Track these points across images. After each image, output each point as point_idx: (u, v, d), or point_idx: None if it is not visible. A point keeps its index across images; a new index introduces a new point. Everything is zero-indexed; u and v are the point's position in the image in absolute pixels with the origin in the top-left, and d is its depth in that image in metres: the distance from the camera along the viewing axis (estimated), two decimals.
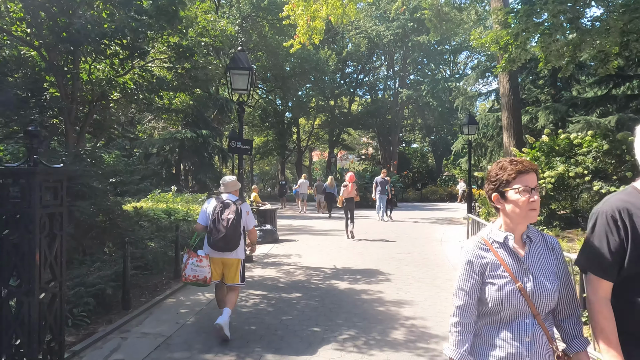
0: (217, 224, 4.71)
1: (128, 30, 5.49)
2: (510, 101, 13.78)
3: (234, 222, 4.70)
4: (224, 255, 4.82)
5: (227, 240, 4.67)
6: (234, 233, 4.69)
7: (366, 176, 26.66)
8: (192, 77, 7.92)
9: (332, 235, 12.96)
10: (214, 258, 4.84)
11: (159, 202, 13.27)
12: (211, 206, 4.88)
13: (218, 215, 4.74)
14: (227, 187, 5.07)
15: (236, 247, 4.78)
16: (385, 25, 37.59)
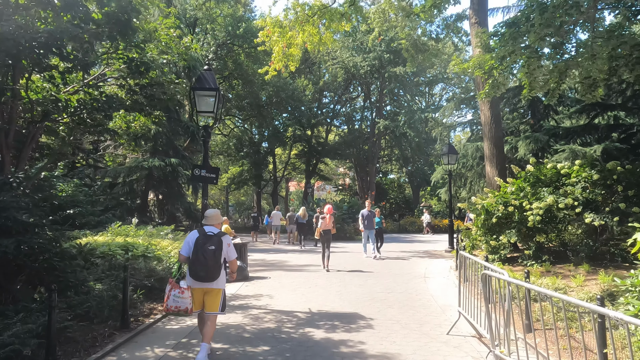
0: (198, 255, 4.90)
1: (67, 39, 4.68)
2: (492, 130, 13.33)
3: (215, 254, 4.93)
4: (205, 285, 5.00)
5: (208, 270, 4.89)
6: (214, 264, 4.92)
7: (343, 207, 25.91)
8: (147, 96, 7.05)
9: (308, 271, 12.03)
10: (195, 288, 5.01)
11: (118, 235, 12.15)
12: (193, 237, 5.06)
13: (200, 247, 4.92)
14: (210, 220, 5.28)
15: (217, 277, 4.98)
16: (362, 56, 37.66)
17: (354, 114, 44.73)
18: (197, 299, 5.03)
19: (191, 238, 5.10)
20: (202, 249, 4.92)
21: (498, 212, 10.99)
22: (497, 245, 11.26)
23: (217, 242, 4.98)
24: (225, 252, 5.15)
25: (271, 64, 19.16)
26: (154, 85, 6.94)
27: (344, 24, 20.30)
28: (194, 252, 4.94)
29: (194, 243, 4.99)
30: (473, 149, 18.53)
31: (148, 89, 6.95)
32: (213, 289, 5.05)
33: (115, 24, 5.32)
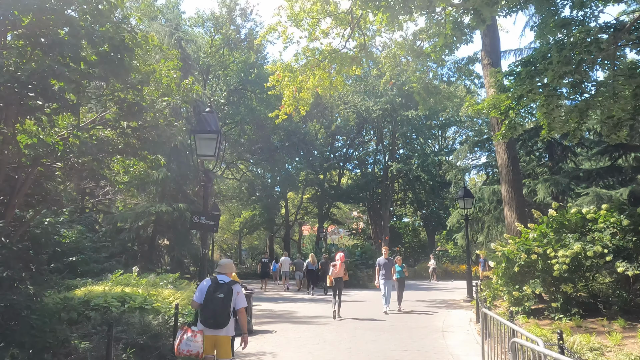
0: (208, 302, 5.12)
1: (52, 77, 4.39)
2: (510, 172, 12.76)
3: (224, 301, 5.09)
4: (215, 333, 5.16)
5: (217, 317, 5.06)
6: (223, 311, 5.09)
7: (356, 253, 25.13)
8: (140, 138, 6.71)
9: (316, 323, 11.26)
10: (206, 335, 5.15)
11: (119, 284, 11.60)
12: (206, 285, 5.25)
13: (210, 294, 5.12)
14: (222, 269, 5.53)
15: (226, 324, 5.14)
16: (373, 100, 37.76)
17: (366, 157, 44.50)
18: (207, 345, 5.19)
19: (204, 286, 5.30)
20: (213, 296, 5.12)
21: (520, 260, 10.26)
22: (520, 296, 10.45)
23: (227, 291, 5.17)
24: (234, 301, 5.24)
25: (282, 108, 19.08)
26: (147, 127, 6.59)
27: (354, 68, 20.30)
28: (205, 300, 5.16)
29: (206, 291, 5.20)
30: (489, 192, 17.89)
31: (141, 131, 6.61)
32: (223, 336, 5.23)
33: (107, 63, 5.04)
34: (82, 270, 14.36)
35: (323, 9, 18.18)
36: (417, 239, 49.82)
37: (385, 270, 13.20)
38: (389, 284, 13.18)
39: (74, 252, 14.48)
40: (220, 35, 28.24)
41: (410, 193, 44.02)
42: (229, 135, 30.74)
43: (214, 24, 28.07)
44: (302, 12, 18.27)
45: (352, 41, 20.36)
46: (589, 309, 9.91)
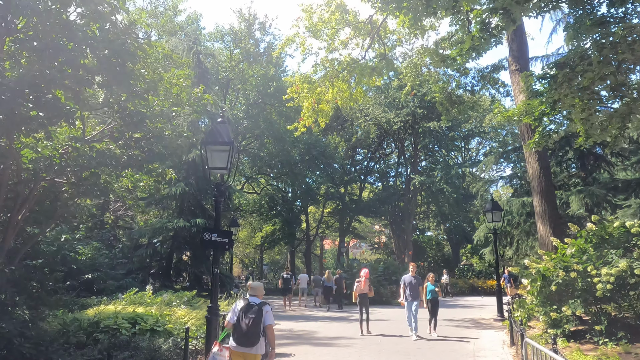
0: (240, 322, 5.39)
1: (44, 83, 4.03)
2: (542, 183, 12.01)
3: (255, 321, 5.36)
4: (245, 350, 5.41)
5: (248, 336, 5.34)
6: (254, 330, 5.35)
7: (379, 268, 24.35)
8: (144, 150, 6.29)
9: (338, 345, 10.62)
10: (236, 352, 5.43)
11: (132, 303, 11.22)
12: (238, 306, 5.56)
13: (242, 314, 5.40)
14: (254, 291, 5.80)
15: (256, 343, 5.39)
16: (394, 112, 37.17)
17: (387, 170, 43.80)
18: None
19: (237, 307, 5.61)
20: (244, 316, 5.40)
21: (557, 278, 9.49)
22: (558, 317, 9.64)
23: (257, 312, 5.44)
24: (264, 320, 5.48)
25: (300, 120, 18.68)
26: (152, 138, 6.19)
27: (374, 79, 19.84)
28: (237, 319, 5.44)
29: (239, 311, 5.49)
30: (518, 205, 17.04)
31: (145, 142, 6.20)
32: (252, 354, 5.47)
33: (108, 69, 4.66)
34: (97, 287, 14.09)
35: (342, 18, 17.82)
36: (441, 253, 48.62)
37: (411, 290, 11.60)
38: (415, 305, 11.53)
39: (90, 269, 14.23)
40: (240, 49, 28.19)
41: (434, 206, 42.99)
42: (248, 150, 30.54)
43: (233, 39, 28.06)
44: (321, 22, 17.94)
45: (371, 52, 19.94)
46: (636, 332, 9.05)
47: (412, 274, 11.98)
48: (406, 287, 11.73)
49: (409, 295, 11.63)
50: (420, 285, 11.88)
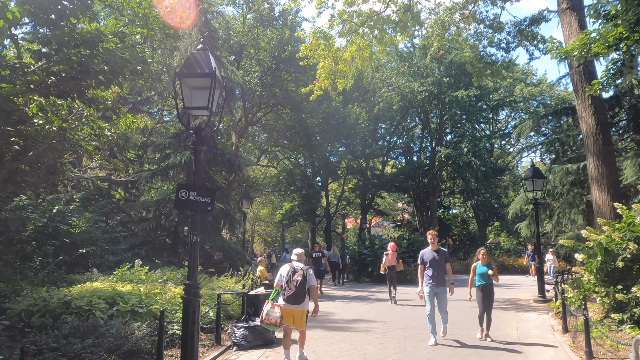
0: (289, 284, 6.36)
1: None
2: (599, 142, 10.12)
3: (302, 283, 6.33)
4: (294, 307, 6.39)
5: (296, 296, 6.31)
6: (301, 291, 6.32)
7: (402, 245, 22.73)
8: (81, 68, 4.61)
9: (355, 330, 9.13)
10: (286, 309, 6.40)
11: (123, 280, 9.91)
12: (285, 270, 6.53)
13: (290, 277, 6.40)
14: (298, 257, 6.74)
15: (303, 301, 6.38)
16: (418, 81, 34.98)
17: (411, 144, 41.74)
18: (287, 318, 6.41)
19: (284, 271, 6.49)
20: (292, 279, 6.33)
21: (626, 252, 7.73)
22: (625, 299, 7.90)
23: (302, 275, 6.38)
24: (308, 281, 6.41)
25: (316, 82, 16.92)
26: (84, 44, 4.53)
27: (398, 36, 17.91)
28: (285, 282, 6.36)
29: (286, 274, 6.41)
30: (562, 172, 15.08)
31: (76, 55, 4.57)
32: (300, 310, 6.41)
33: None
34: (93, 263, 12.89)
35: None
36: (467, 231, 46.72)
37: (433, 271, 7.84)
38: (439, 295, 7.84)
39: (87, 243, 13.02)
40: (253, 14, 26.39)
41: (460, 181, 40.90)
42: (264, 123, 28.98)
43: (245, 1, 26.24)
44: None
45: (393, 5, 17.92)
46: None
47: (432, 247, 8.03)
48: (426, 268, 7.95)
49: (429, 279, 7.86)
50: (447, 262, 8.05)
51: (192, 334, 5.11)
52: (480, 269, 8.09)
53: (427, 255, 7.98)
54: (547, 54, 7.94)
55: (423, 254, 8.08)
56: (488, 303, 8.03)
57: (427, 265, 7.90)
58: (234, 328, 7.47)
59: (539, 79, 44.54)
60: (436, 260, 7.89)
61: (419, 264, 8.04)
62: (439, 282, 7.84)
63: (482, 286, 8.03)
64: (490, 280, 8.06)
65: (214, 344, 7.43)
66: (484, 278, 8.04)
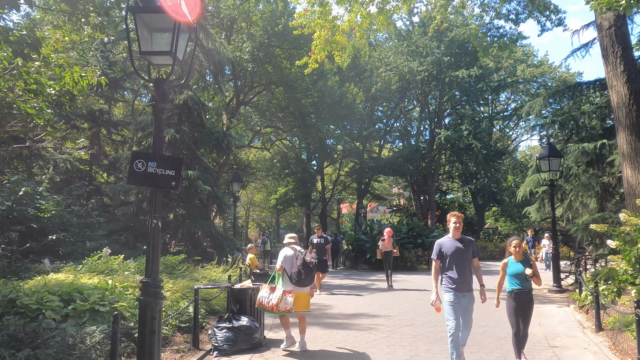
0: (305, 267, 6.31)
1: None
2: (632, 114, 8.95)
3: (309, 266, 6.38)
4: (302, 290, 6.44)
5: (306, 278, 6.35)
6: (309, 273, 6.37)
7: (402, 230, 21.64)
8: None
9: (356, 328, 7.98)
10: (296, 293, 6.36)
11: (92, 271, 8.71)
12: (289, 252, 6.46)
13: (302, 259, 6.35)
14: (295, 239, 6.77)
15: (310, 283, 6.55)
16: (418, 60, 33.60)
17: (408, 127, 40.48)
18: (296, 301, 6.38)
19: (289, 253, 6.48)
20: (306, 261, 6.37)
21: None
22: None
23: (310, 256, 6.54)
24: None
25: (311, 54, 15.55)
26: None
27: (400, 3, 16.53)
28: (300, 265, 6.34)
29: (293, 257, 6.43)
30: (577, 152, 13.91)
31: None
32: (306, 292, 6.56)
33: None
34: (65, 251, 11.67)
35: None
36: (464, 216, 45.85)
37: (457, 269, 5.38)
38: (465, 305, 5.37)
39: (59, 229, 11.79)
40: None
41: (459, 165, 39.81)
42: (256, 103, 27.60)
43: None
44: None
45: None
46: None
47: (454, 233, 5.51)
48: (445, 261, 5.45)
49: (448, 281, 5.37)
50: (475, 256, 5.56)
51: (151, 347, 3.94)
52: (514, 267, 5.71)
53: (448, 247, 5.43)
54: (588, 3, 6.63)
55: (441, 245, 5.50)
56: (525, 317, 5.65)
57: (447, 261, 5.38)
58: (215, 329, 6.30)
59: (540, 60, 43.35)
60: (461, 254, 5.37)
61: (434, 259, 5.51)
62: (465, 286, 5.30)
63: (517, 293, 5.63)
64: (528, 284, 5.64)
65: (190, 349, 6.27)
66: (518, 281, 5.64)
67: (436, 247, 5.57)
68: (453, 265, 5.38)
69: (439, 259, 5.50)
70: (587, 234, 12.93)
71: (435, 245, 5.61)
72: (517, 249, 5.75)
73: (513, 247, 5.81)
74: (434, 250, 5.57)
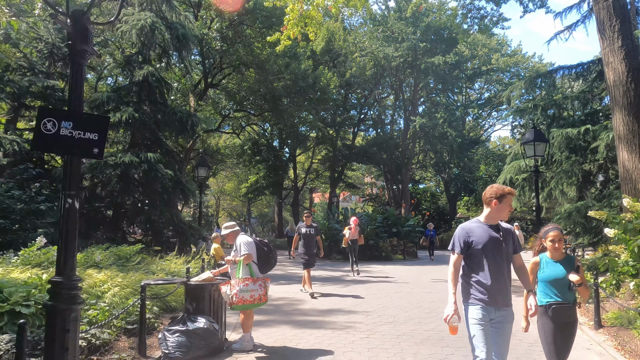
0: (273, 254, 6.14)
1: None
2: (630, 93, 8.32)
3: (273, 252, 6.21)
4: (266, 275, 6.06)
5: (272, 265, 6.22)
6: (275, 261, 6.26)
7: (377, 218, 20.93)
8: None
9: (333, 326, 7.11)
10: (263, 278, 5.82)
11: (27, 264, 7.53)
12: (249, 239, 5.91)
13: (261, 246, 6.01)
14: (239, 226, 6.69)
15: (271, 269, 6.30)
16: (393, 46, 32.83)
17: (383, 116, 39.84)
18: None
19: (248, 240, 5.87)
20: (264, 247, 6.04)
21: None
22: None
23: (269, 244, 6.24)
24: None
25: (284, 29, 14.50)
26: None
27: None
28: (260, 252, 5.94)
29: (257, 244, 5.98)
30: (561, 137, 13.38)
31: None
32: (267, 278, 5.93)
33: None
34: (4, 240, 10.38)
35: None
36: (436, 205, 45.72)
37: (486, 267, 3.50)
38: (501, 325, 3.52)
39: None
40: None
41: (432, 154, 39.47)
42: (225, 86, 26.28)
43: None
44: None
45: None
46: None
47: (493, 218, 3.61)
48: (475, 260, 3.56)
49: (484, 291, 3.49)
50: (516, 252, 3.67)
51: None
52: (551, 269, 3.92)
53: (479, 235, 3.54)
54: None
55: (469, 232, 3.56)
56: (564, 345, 3.86)
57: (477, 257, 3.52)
58: (166, 332, 5.30)
59: (513, 50, 43.36)
60: (498, 248, 3.52)
61: (455, 251, 3.58)
62: (502, 297, 3.50)
63: (556, 309, 3.84)
64: (571, 296, 3.90)
65: (135, 357, 5.25)
66: (557, 290, 3.88)
67: (460, 234, 3.57)
68: (485, 264, 3.46)
69: (463, 252, 3.54)
70: (570, 223, 12.41)
71: (458, 232, 3.61)
72: (557, 244, 3.87)
73: (550, 240, 3.89)
74: (457, 239, 3.58)
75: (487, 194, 3.64)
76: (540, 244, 4.09)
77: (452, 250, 3.62)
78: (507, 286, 3.53)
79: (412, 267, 16.54)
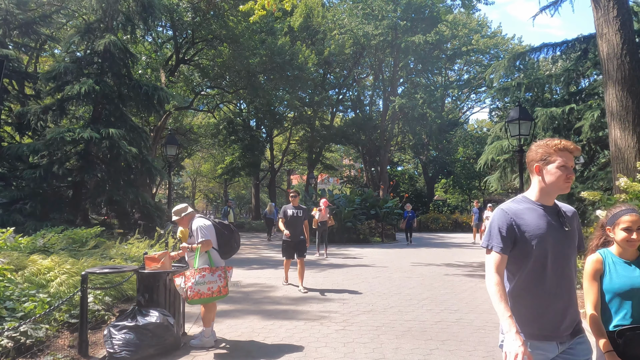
0: (235, 236, 5.35)
1: None
2: (625, 66, 7.81)
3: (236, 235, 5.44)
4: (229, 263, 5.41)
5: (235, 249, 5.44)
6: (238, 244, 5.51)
7: (355, 200, 20.38)
8: None
9: (306, 316, 6.51)
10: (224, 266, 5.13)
11: None
12: (209, 222, 5.14)
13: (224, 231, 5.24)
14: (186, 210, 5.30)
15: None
16: (373, 24, 32.00)
17: (362, 97, 39.16)
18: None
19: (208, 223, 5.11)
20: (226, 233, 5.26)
21: None
22: None
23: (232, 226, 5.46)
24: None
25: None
26: None
27: None
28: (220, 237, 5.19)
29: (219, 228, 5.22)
30: (545, 117, 12.94)
31: None
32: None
33: None
34: None
35: None
36: (414, 188, 45.61)
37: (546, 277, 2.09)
38: None
39: None
40: None
41: (411, 135, 39.06)
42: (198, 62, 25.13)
43: None
44: None
45: None
46: None
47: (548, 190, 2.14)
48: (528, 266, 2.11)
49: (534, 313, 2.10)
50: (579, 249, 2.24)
51: None
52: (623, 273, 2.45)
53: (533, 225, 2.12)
54: None
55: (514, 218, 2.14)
56: None
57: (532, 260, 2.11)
58: (112, 329, 4.60)
59: (493, 32, 42.98)
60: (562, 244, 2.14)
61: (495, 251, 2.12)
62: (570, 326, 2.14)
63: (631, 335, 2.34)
64: None
65: (74, 357, 4.53)
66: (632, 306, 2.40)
67: (502, 219, 2.15)
68: (543, 271, 2.11)
69: (506, 252, 2.12)
70: None
71: (498, 216, 2.18)
72: (635, 233, 2.41)
73: (624, 229, 2.44)
74: (496, 228, 2.15)
75: (528, 157, 2.25)
76: (601, 236, 2.61)
77: (487, 247, 2.16)
78: (575, 304, 2.17)
79: (391, 250, 16.09)
